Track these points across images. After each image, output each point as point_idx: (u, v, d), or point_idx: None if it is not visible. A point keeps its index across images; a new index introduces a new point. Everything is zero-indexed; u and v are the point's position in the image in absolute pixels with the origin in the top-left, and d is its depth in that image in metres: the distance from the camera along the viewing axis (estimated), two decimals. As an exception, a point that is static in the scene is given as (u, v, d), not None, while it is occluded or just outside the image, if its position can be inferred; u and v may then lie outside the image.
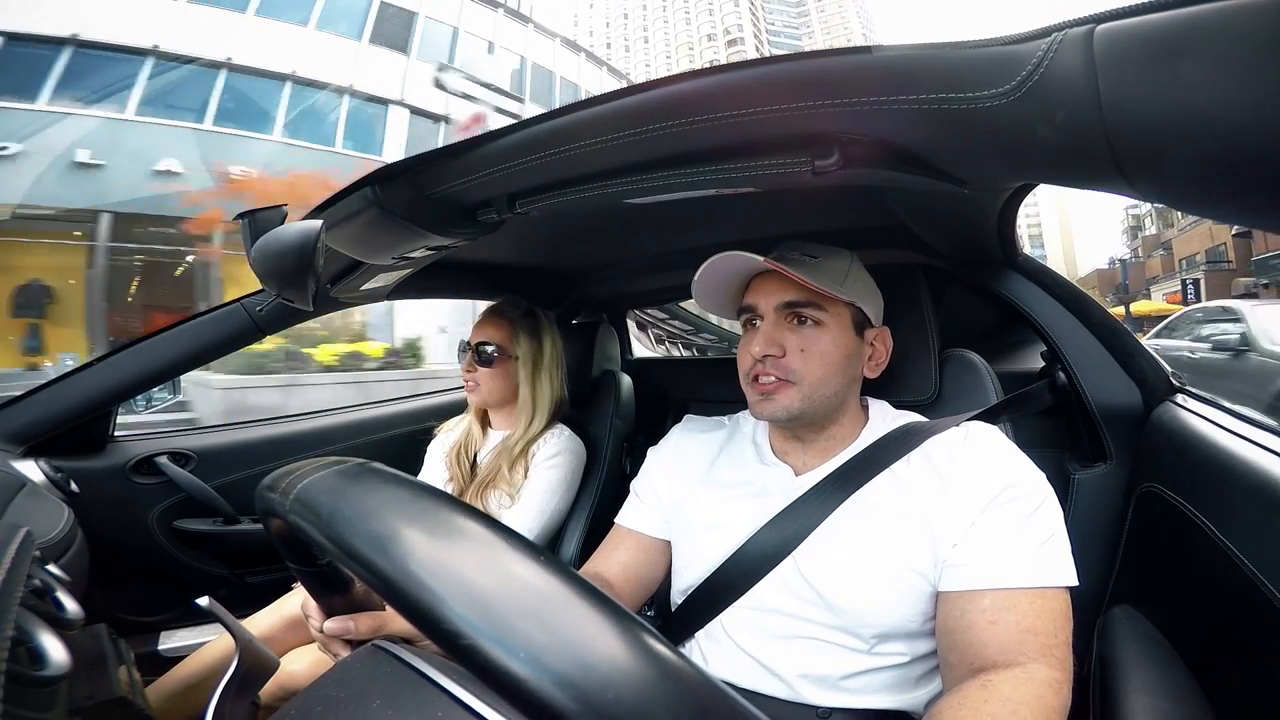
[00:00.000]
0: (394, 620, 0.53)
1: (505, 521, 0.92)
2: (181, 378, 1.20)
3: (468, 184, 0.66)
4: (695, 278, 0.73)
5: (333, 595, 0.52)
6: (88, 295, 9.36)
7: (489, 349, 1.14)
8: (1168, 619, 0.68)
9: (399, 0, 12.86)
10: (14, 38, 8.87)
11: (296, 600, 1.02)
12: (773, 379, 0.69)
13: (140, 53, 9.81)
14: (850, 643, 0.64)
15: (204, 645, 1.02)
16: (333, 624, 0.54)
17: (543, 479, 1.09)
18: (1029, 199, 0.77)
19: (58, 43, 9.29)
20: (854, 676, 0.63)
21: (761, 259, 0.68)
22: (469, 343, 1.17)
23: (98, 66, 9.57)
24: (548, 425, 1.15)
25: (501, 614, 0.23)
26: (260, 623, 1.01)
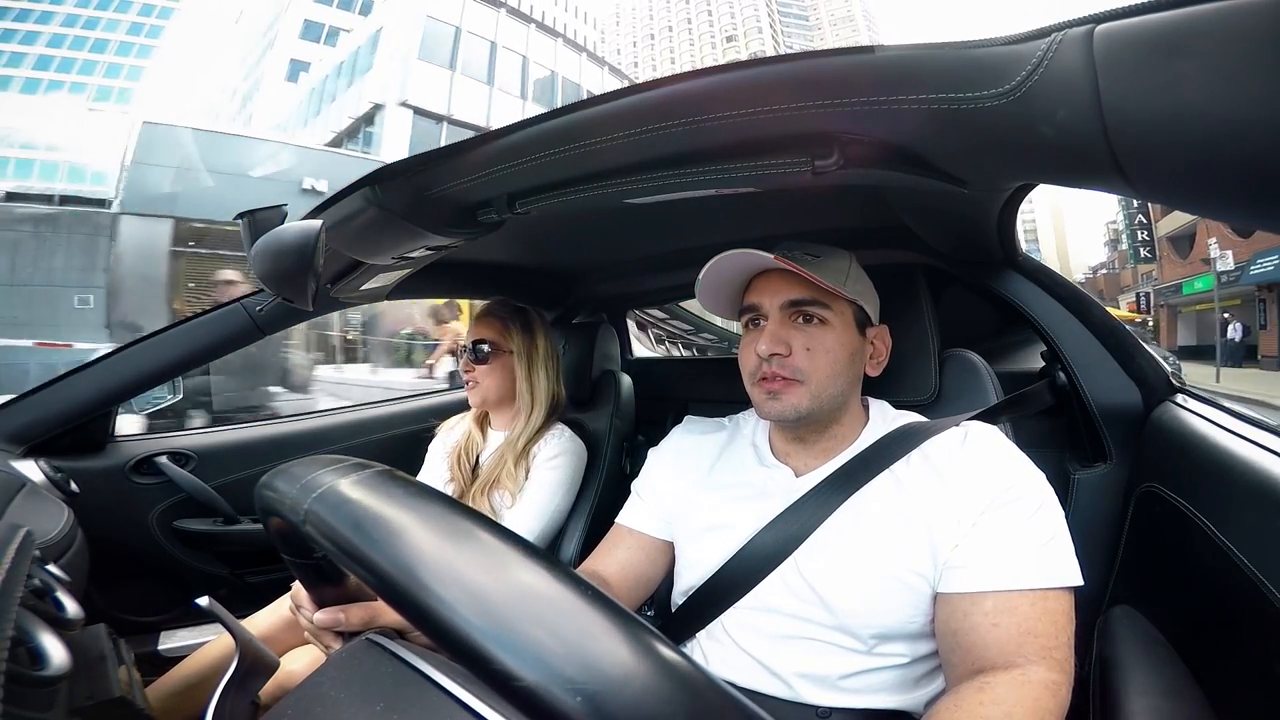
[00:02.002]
0: (385, 612, 0.53)
1: (506, 523, 0.92)
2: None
3: (468, 184, 0.66)
4: (700, 275, 0.73)
5: (325, 587, 0.52)
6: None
7: (484, 347, 1.15)
8: (1168, 619, 0.68)
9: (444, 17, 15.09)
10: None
11: None
12: (779, 378, 0.69)
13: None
14: (849, 643, 0.64)
15: (204, 645, 1.02)
16: (323, 615, 0.53)
17: (544, 480, 1.09)
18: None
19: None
20: (853, 676, 0.63)
21: (771, 256, 0.67)
22: (464, 344, 1.18)
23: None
24: (547, 422, 1.15)
25: (526, 631, 0.23)
26: (259, 622, 1.01)
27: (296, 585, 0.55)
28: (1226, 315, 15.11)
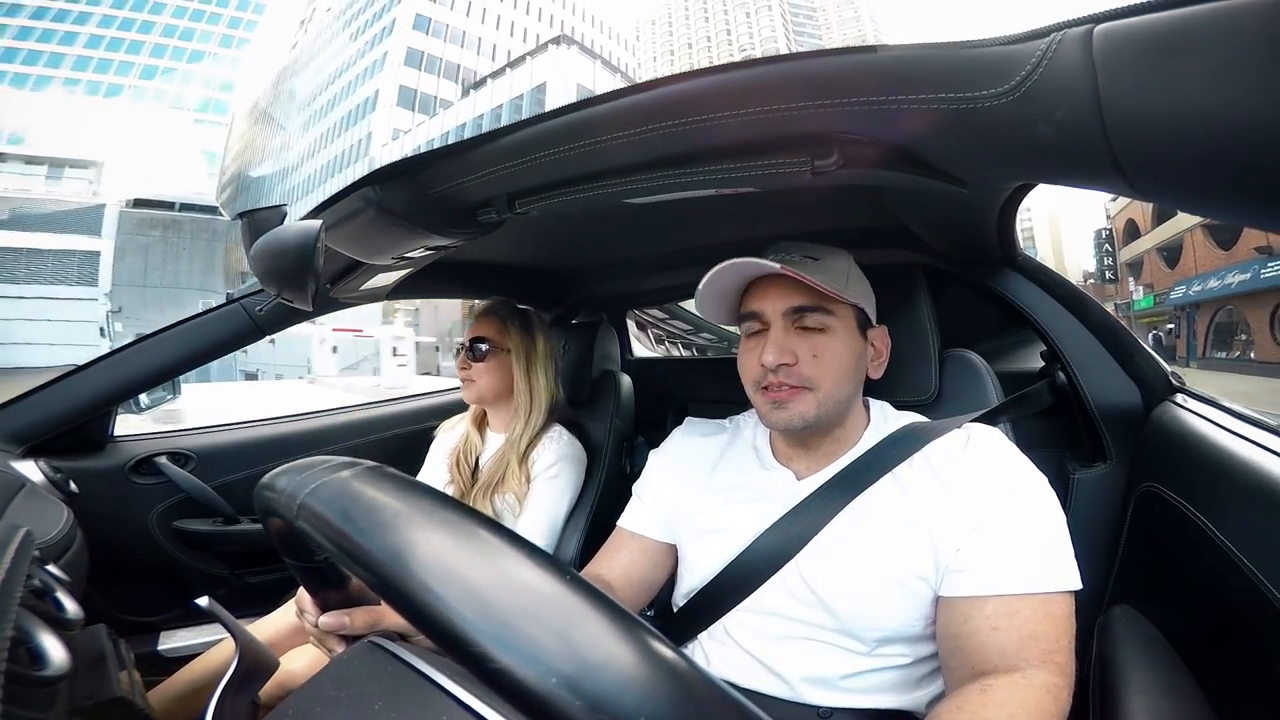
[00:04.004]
0: (389, 615, 0.53)
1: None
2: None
3: (468, 184, 0.66)
4: (701, 285, 0.71)
5: (328, 590, 0.52)
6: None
7: (482, 345, 1.15)
8: (1168, 619, 0.68)
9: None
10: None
11: None
12: (786, 387, 0.67)
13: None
14: (851, 645, 0.64)
15: (208, 650, 1.02)
16: (328, 619, 0.54)
17: (545, 489, 1.09)
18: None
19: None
20: (855, 677, 0.63)
21: (777, 265, 0.65)
22: (463, 341, 1.18)
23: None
24: (546, 423, 1.15)
25: (535, 638, 0.23)
26: (265, 627, 1.01)
27: (301, 590, 0.55)
28: (1156, 330, 21.52)
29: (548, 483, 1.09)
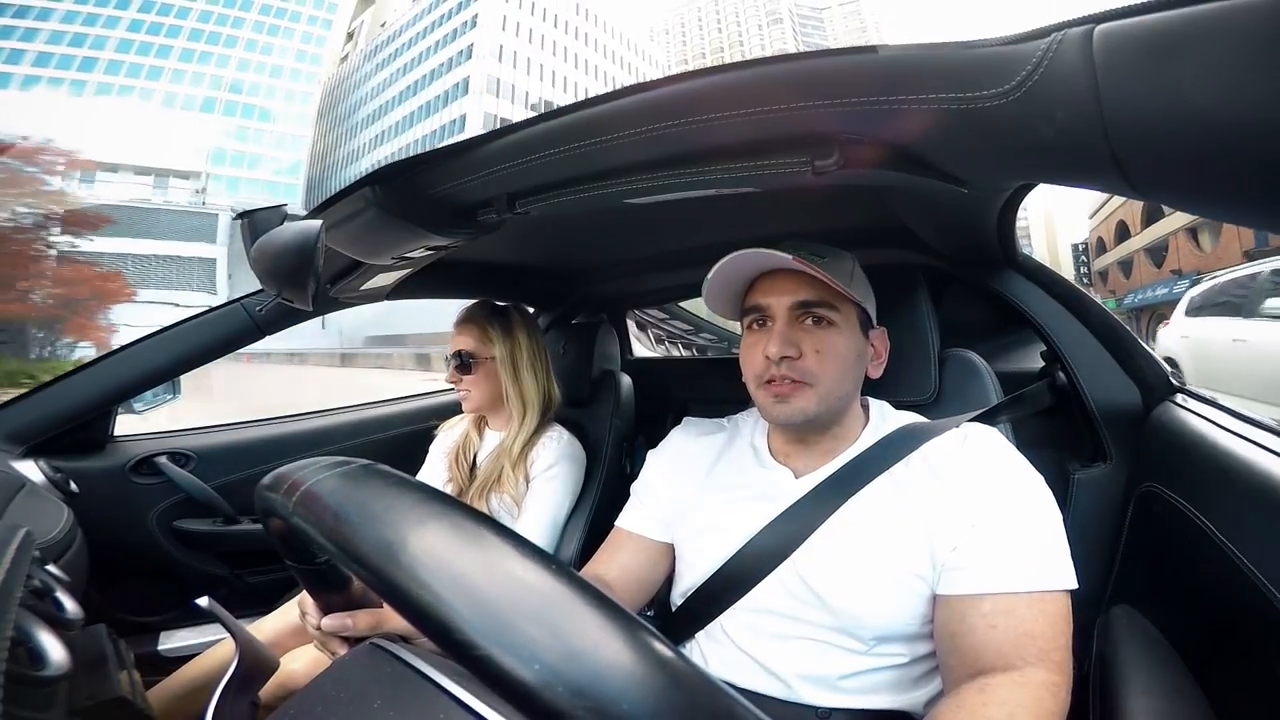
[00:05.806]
0: (392, 617, 0.53)
1: None
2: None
3: (467, 184, 0.66)
4: (709, 275, 0.71)
5: (331, 592, 0.52)
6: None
7: (465, 356, 1.14)
8: (1168, 619, 0.68)
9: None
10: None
11: None
12: (789, 381, 0.68)
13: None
14: (849, 644, 0.64)
15: (208, 650, 1.02)
16: (330, 621, 0.54)
17: (544, 490, 1.08)
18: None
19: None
20: (853, 676, 0.63)
21: (789, 256, 0.66)
22: (449, 353, 1.17)
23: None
24: (542, 423, 1.15)
25: (514, 623, 0.23)
26: (266, 628, 1.00)
27: (304, 592, 0.55)
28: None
29: (547, 483, 1.09)
